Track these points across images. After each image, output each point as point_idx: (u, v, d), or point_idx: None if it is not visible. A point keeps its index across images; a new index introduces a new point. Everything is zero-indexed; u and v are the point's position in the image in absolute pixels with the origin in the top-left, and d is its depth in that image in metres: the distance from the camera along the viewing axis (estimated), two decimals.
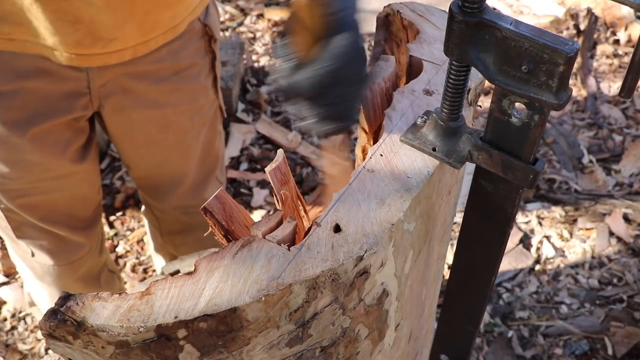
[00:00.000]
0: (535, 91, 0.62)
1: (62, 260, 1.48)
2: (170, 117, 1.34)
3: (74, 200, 1.39)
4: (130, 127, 1.33)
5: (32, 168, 1.25)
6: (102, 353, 0.61)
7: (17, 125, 1.17)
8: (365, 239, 0.64)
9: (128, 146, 1.39)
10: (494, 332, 2.03)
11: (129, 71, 1.21)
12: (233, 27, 3.27)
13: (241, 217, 0.71)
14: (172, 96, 1.31)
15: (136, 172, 1.49)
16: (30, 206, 1.33)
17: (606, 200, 2.40)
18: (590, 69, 3.02)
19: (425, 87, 0.83)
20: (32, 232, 1.40)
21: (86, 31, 1.08)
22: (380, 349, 0.80)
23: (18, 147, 1.20)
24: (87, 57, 1.12)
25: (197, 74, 1.33)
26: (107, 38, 1.11)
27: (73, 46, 1.10)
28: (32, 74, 1.13)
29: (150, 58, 1.22)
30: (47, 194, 1.32)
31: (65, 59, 1.11)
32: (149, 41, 1.17)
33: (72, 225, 1.43)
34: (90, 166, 1.36)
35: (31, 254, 1.46)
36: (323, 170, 1.00)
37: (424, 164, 0.73)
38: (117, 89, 1.23)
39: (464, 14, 0.62)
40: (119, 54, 1.15)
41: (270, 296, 0.59)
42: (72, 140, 1.27)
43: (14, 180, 1.26)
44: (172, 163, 1.45)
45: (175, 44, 1.24)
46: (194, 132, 1.42)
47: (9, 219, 1.37)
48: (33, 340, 2.02)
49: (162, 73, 1.26)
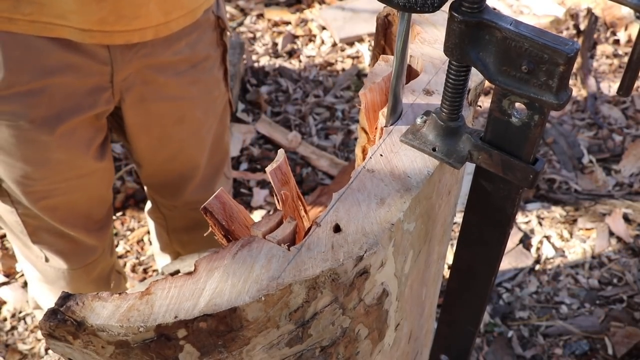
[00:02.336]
0: (535, 91, 0.62)
1: (77, 264, 1.49)
2: (185, 110, 1.36)
3: (92, 200, 1.40)
4: (147, 119, 1.35)
5: (57, 167, 1.26)
6: (102, 353, 0.61)
7: (46, 122, 1.18)
8: (365, 239, 0.64)
9: (143, 140, 1.40)
10: (494, 332, 2.03)
11: (151, 63, 1.23)
12: (233, 27, 3.27)
13: (241, 217, 0.71)
14: (190, 89, 1.34)
15: (148, 169, 1.50)
16: (53, 208, 1.33)
17: (606, 200, 2.40)
18: (590, 69, 3.02)
19: (425, 87, 0.83)
20: (47, 236, 1.40)
21: (111, 9, 1.10)
22: (380, 349, 0.80)
23: (46, 145, 1.21)
24: (110, 34, 1.13)
25: (211, 66, 1.36)
26: (130, 16, 1.12)
27: (97, 23, 1.11)
28: (58, 69, 1.14)
29: (170, 50, 1.24)
30: (69, 194, 1.33)
31: (88, 36, 1.12)
32: (170, 22, 1.19)
33: (89, 227, 1.44)
34: (108, 164, 1.38)
35: (45, 259, 1.46)
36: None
37: (423, 164, 0.73)
38: (138, 81, 1.25)
39: (463, 14, 0.62)
40: (141, 33, 1.16)
41: (270, 296, 0.59)
42: (94, 137, 1.29)
43: (39, 181, 1.26)
44: (184, 156, 1.46)
45: (192, 36, 1.27)
46: (207, 125, 1.44)
47: (26, 224, 1.37)
48: (33, 340, 2.02)
49: (181, 65, 1.29)
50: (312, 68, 3.03)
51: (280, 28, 3.28)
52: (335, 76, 2.99)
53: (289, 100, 2.85)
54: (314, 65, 3.05)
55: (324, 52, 3.13)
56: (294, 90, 2.90)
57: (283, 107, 2.81)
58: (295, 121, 2.75)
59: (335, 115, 2.78)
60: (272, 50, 3.14)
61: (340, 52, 3.14)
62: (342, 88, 2.91)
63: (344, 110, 2.81)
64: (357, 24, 3.23)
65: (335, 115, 2.78)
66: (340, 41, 3.17)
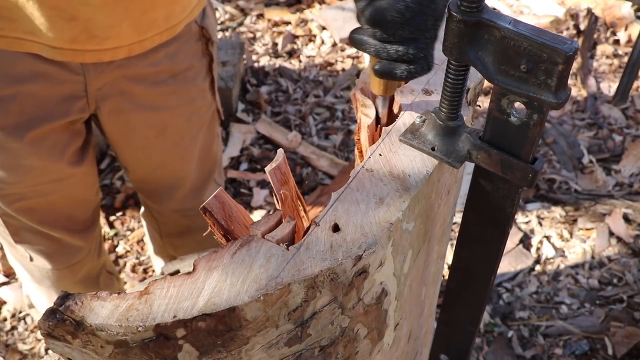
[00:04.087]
0: (535, 90, 0.62)
1: (61, 264, 1.48)
2: (167, 120, 1.34)
3: (72, 202, 1.39)
4: (127, 130, 1.33)
5: (30, 172, 1.25)
6: (101, 352, 0.61)
7: (15, 129, 1.17)
8: (364, 238, 0.64)
9: (125, 149, 1.39)
10: (494, 332, 2.03)
11: (126, 74, 1.21)
12: (233, 27, 3.27)
13: (240, 217, 0.71)
14: (170, 99, 1.31)
15: (134, 175, 1.49)
16: (29, 210, 1.32)
17: (606, 200, 2.40)
18: (590, 69, 3.02)
19: (425, 87, 0.83)
20: (30, 236, 1.40)
21: (82, 28, 1.08)
22: (379, 349, 0.80)
23: (16, 151, 1.20)
24: (81, 53, 1.12)
25: (194, 76, 1.33)
26: (102, 36, 1.11)
27: (67, 42, 1.09)
28: (29, 77, 1.13)
29: (147, 61, 1.21)
30: (45, 196, 1.31)
31: (59, 54, 1.11)
32: (144, 41, 1.17)
33: (71, 228, 1.42)
34: (88, 168, 1.36)
35: (29, 259, 1.45)
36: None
37: (423, 164, 0.73)
38: (115, 91, 1.23)
39: (462, 14, 0.62)
40: (113, 52, 1.14)
41: (269, 295, 0.59)
42: (69, 143, 1.27)
43: (12, 184, 1.25)
44: (170, 166, 1.45)
45: (172, 47, 1.24)
46: (191, 135, 1.41)
47: (7, 224, 1.36)
48: (33, 340, 2.02)
49: (160, 76, 1.26)
50: (312, 68, 3.03)
51: (280, 28, 3.28)
52: (335, 76, 2.99)
53: (289, 100, 2.85)
54: (314, 65, 3.05)
55: (324, 52, 3.13)
56: (294, 90, 2.90)
57: (283, 107, 2.81)
58: (295, 121, 2.75)
59: (335, 115, 2.78)
60: (272, 50, 3.14)
61: (340, 52, 3.14)
62: (342, 88, 2.91)
63: (344, 110, 2.81)
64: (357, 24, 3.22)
65: (335, 115, 2.78)
66: (340, 41, 3.17)
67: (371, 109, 0.80)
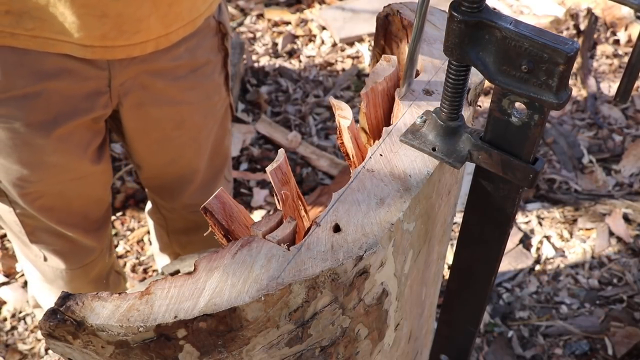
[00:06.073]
0: (535, 91, 0.62)
1: (75, 264, 1.49)
2: (185, 114, 1.36)
3: (89, 201, 1.40)
4: (146, 123, 1.34)
5: (53, 169, 1.26)
6: (102, 353, 0.61)
7: (42, 126, 1.18)
8: (365, 238, 0.64)
9: (142, 144, 1.40)
10: (494, 332, 2.03)
11: (149, 68, 1.23)
12: (233, 27, 3.27)
13: (241, 217, 0.71)
14: (189, 94, 1.33)
15: (147, 171, 1.50)
16: (49, 208, 1.33)
17: (606, 200, 2.40)
18: (590, 69, 3.02)
19: (425, 87, 0.83)
20: (45, 236, 1.41)
21: (112, 25, 1.10)
22: (380, 349, 0.80)
23: (41, 148, 1.21)
24: (111, 50, 1.13)
25: (211, 71, 1.35)
26: (131, 31, 1.12)
27: (98, 39, 1.11)
28: (55, 74, 1.14)
29: (169, 56, 1.24)
30: (65, 195, 1.33)
31: (89, 52, 1.12)
32: (170, 34, 1.19)
33: (86, 228, 1.44)
34: (105, 167, 1.38)
35: (43, 259, 1.46)
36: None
37: (423, 164, 0.73)
38: (136, 86, 1.25)
39: (463, 14, 0.62)
40: (142, 46, 1.16)
41: (269, 296, 0.59)
42: (91, 140, 1.29)
43: (34, 182, 1.26)
44: (184, 160, 1.46)
45: (192, 41, 1.26)
46: (207, 130, 1.44)
47: (24, 224, 1.37)
48: (33, 340, 2.02)
49: (180, 71, 1.28)
50: (312, 68, 3.03)
51: (280, 28, 3.28)
52: (335, 76, 2.99)
53: (289, 100, 2.85)
54: (314, 65, 3.05)
55: (324, 52, 3.13)
56: (294, 90, 2.90)
57: (283, 107, 2.81)
58: (295, 121, 2.75)
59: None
60: (272, 50, 3.14)
61: (340, 52, 3.14)
62: (342, 88, 2.91)
63: None
64: (357, 24, 3.23)
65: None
66: (340, 41, 3.17)
67: (347, 110, 0.80)
